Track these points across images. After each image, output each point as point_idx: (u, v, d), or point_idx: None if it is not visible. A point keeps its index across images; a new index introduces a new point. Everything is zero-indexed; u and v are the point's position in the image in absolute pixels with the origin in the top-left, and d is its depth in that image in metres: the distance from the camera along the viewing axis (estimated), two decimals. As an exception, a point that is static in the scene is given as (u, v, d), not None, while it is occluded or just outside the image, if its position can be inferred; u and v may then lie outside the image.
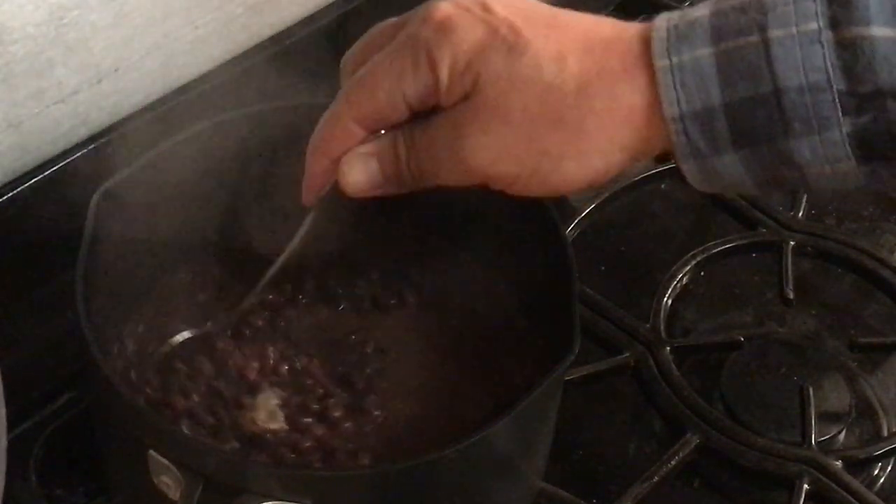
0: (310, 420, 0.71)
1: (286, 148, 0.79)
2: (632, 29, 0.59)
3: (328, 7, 0.94)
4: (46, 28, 0.77)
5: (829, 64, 0.55)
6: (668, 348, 0.85)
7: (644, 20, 0.60)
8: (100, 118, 0.84)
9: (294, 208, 0.81)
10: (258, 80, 0.88)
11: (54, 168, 0.81)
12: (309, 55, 0.90)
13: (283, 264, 0.71)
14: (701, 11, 0.58)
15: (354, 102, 0.62)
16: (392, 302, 0.79)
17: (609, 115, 0.58)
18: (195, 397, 0.71)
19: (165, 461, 0.63)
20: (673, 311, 0.89)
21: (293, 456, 0.69)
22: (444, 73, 0.59)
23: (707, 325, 0.91)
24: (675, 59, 0.57)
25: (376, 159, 0.63)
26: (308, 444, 0.70)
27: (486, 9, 0.59)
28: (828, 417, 0.83)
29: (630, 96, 0.58)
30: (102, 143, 0.83)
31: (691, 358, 0.87)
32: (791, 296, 0.90)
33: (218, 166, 0.77)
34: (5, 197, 0.80)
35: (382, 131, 0.63)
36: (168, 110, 0.85)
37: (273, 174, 0.80)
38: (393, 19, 0.64)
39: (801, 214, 0.95)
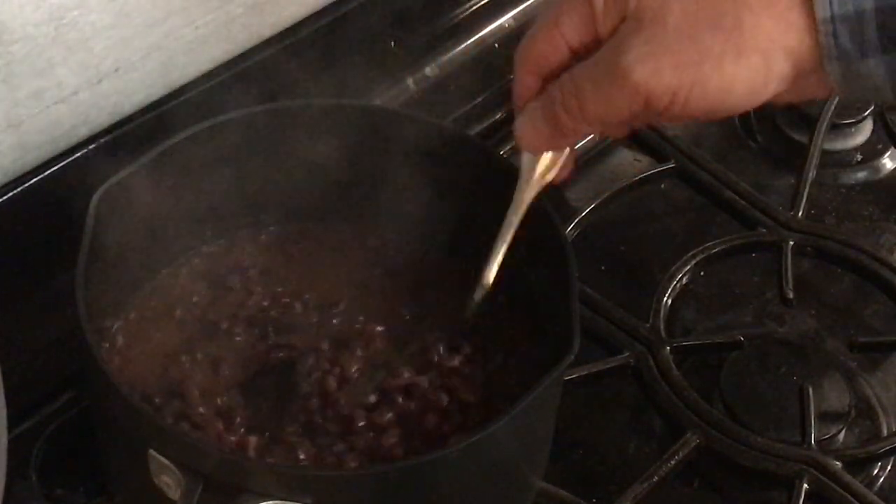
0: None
1: (286, 148, 0.79)
2: None
3: (328, 7, 0.94)
4: (46, 28, 0.77)
5: None
6: (668, 348, 0.85)
7: None
8: (100, 118, 0.84)
9: (295, 208, 0.82)
10: (258, 80, 0.88)
11: (54, 168, 0.81)
12: (309, 55, 0.90)
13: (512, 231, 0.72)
14: None
15: (525, 57, 0.66)
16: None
17: (765, 11, 0.59)
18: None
19: (165, 461, 0.63)
20: (673, 311, 0.89)
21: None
22: (599, 4, 0.62)
23: (707, 325, 0.91)
24: None
25: (540, 113, 0.65)
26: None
27: None
28: (828, 417, 0.83)
29: (790, 6, 0.59)
30: (102, 143, 0.83)
31: (691, 358, 0.87)
32: (791, 296, 0.90)
33: (218, 166, 0.77)
34: (5, 197, 0.79)
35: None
36: (168, 110, 0.85)
37: (273, 174, 0.80)
38: None
39: (801, 214, 0.95)
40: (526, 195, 0.70)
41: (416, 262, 0.81)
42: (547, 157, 0.69)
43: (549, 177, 0.70)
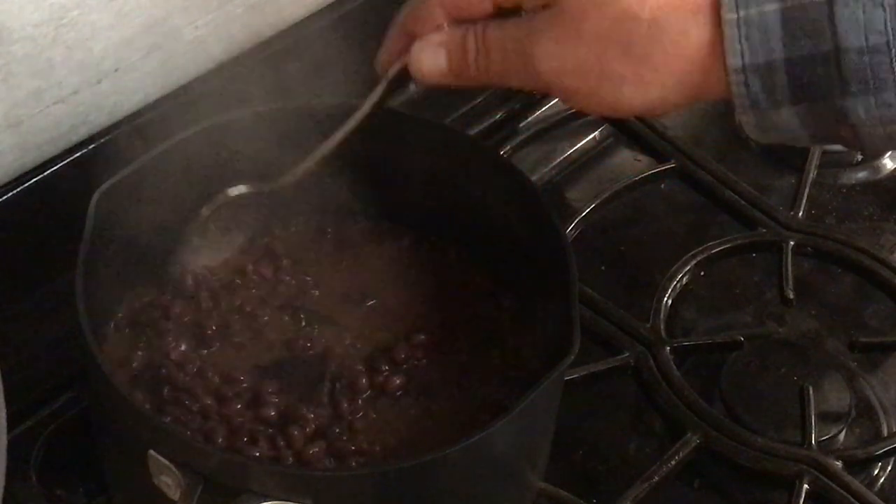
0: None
1: (286, 148, 0.79)
2: None
3: (328, 7, 0.94)
4: (46, 28, 0.77)
5: (889, 28, 0.57)
6: (668, 348, 0.85)
7: None
8: (100, 118, 0.84)
9: (294, 208, 0.82)
10: (258, 80, 0.87)
11: (54, 168, 0.81)
12: (309, 55, 0.90)
13: (346, 134, 0.73)
14: None
15: None
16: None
17: (676, 51, 0.60)
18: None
19: (165, 461, 0.63)
20: (673, 311, 0.89)
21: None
22: None
23: (707, 325, 0.91)
24: (742, 13, 0.58)
25: (445, 50, 0.66)
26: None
27: None
28: (828, 417, 0.83)
29: (698, 38, 0.59)
30: (102, 143, 0.83)
31: (691, 358, 0.87)
32: (791, 296, 0.90)
33: (218, 167, 0.77)
34: (5, 197, 0.79)
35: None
36: (168, 110, 0.85)
37: (273, 174, 0.80)
38: None
39: (801, 214, 0.95)
40: (372, 98, 0.72)
41: (415, 260, 0.81)
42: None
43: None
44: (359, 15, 0.96)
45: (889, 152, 1.04)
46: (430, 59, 0.67)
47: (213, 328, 0.75)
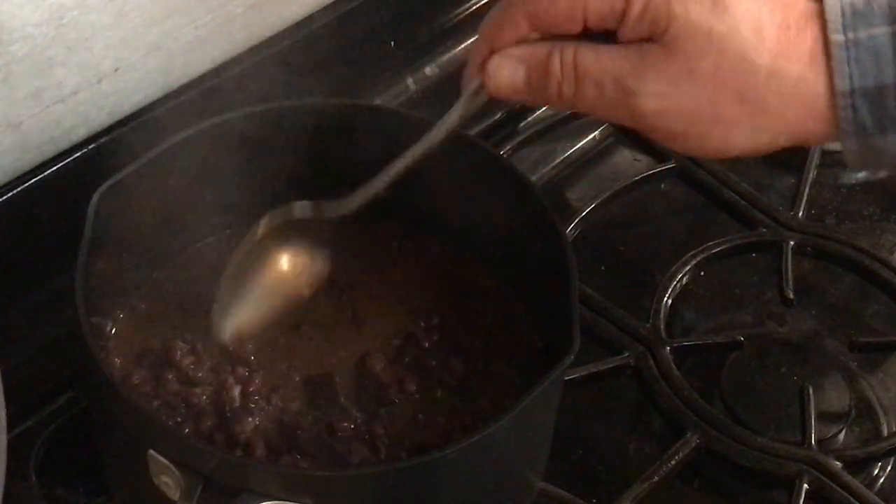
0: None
1: (286, 148, 0.79)
2: (813, 2, 0.59)
3: (328, 7, 0.94)
4: (46, 28, 0.77)
5: None
6: (668, 348, 0.85)
7: None
8: (100, 118, 0.84)
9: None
10: (258, 80, 0.87)
11: (54, 168, 0.81)
12: (309, 55, 0.90)
13: (418, 156, 0.69)
14: None
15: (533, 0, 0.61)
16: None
17: (793, 99, 0.58)
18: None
19: (165, 461, 0.63)
20: (673, 311, 0.89)
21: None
22: (637, 7, 0.58)
23: (707, 325, 0.91)
24: (850, 35, 0.57)
25: (525, 68, 0.62)
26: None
27: None
28: (828, 417, 0.83)
29: (815, 86, 0.58)
30: (102, 143, 0.83)
31: (691, 358, 0.87)
32: (791, 296, 0.90)
33: (218, 166, 0.77)
34: (5, 197, 0.79)
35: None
36: (168, 110, 0.85)
37: (273, 174, 0.80)
38: None
39: (801, 214, 0.95)
40: (455, 114, 0.68)
41: (414, 259, 0.81)
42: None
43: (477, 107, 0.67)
44: (359, 15, 0.96)
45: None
46: (508, 74, 0.62)
47: None
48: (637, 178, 0.97)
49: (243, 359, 0.73)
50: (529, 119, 1.00)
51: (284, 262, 0.73)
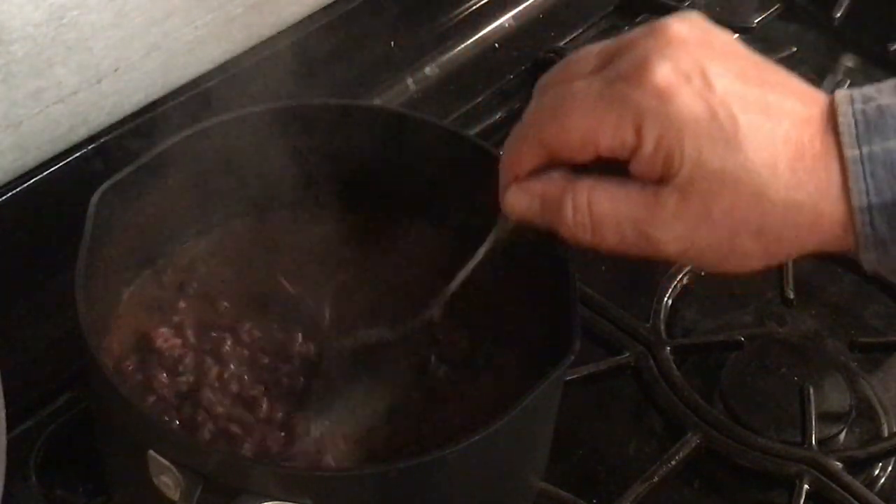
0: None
1: (286, 148, 0.79)
2: (820, 104, 0.58)
3: (328, 7, 0.94)
4: (46, 28, 0.77)
5: None
6: (668, 348, 0.85)
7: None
8: (100, 118, 0.84)
9: (294, 207, 0.82)
10: (258, 80, 0.88)
11: (54, 168, 0.82)
12: (309, 55, 0.90)
13: (462, 281, 0.70)
14: (888, 99, 0.57)
15: (544, 129, 0.60)
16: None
17: (810, 228, 0.57)
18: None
19: (165, 461, 0.63)
20: (673, 311, 0.89)
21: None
22: (649, 146, 0.57)
23: (707, 325, 0.91)
24: (865, 150, 0.56)
25: (539, 201, 0.62)
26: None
27: (707, 83, 0.57)
28: (828, 417, 0.83)
29: (831, 216, 0.57)
30: (102, 143, 0.83)
31: (691, 358, 0.87)
32: (791, 296, 0.90)
33: (218, 166, 0.77)
34: (5, 197, 0.80)
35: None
36: (168, 110, 0.85)
37: (273, 174, 0.80)
38: (598, 46, 0.61)
39: (801, 214, 0.95)
40: (500, 231, 0.67)
41: (413, 259, 0.81)
42: None
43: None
44: (358, 15, 0.96)
45: None
46: (524, 207, 0.62)
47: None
48: (637, 178, 0.96)
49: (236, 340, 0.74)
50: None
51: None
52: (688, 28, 0.58)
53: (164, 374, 0.72)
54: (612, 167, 0.59)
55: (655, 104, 0.56)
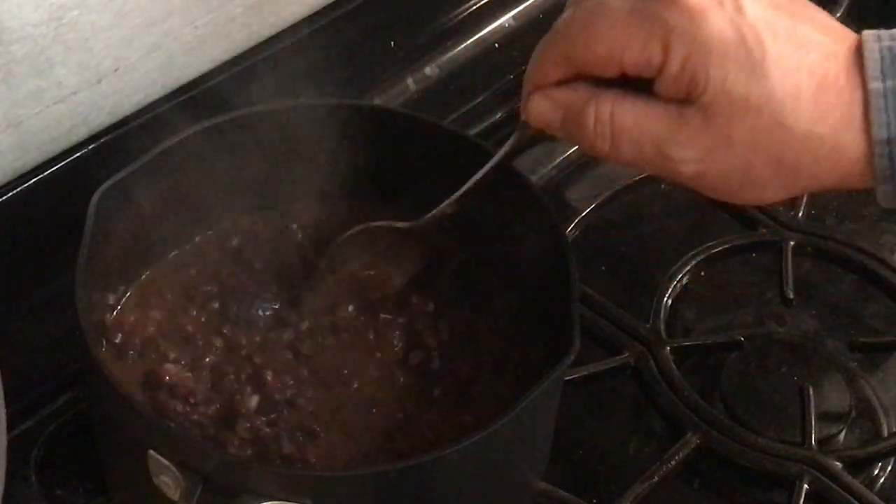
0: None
1: (286, 148, 0.79)
2: (848, 41, 0.58)
3: (328, 7, 0.94)
4: (46, 28, 0.77)
5: None
6: (668, 348, 0.85)
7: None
8: (100, 118, 0.84)
9: (294, 207, 0.82)
10: (258, 80, 0.88)
11: (54, 168, 0.82)
12: (309, 55, 0.90)
13: (479, 179, 0.70)
14: None
15: (572, 41, 0.60)
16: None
17: (828, 165, 0.58)
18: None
19: (165, 461, 0.63)
20: (673, 311, 0.89)
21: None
22: (675, 64, 0.57)
23: (707, 325, 0.91)
24: (889, 83, 0.56)
25: (562, 112, 0.62)
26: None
27: (738, 7, 0.57)
28: (828, 417, 0.83)
29: (852, 153, 0.57)
30: (102, 143, 0.83)
31: (691, 358, 0.87)
32: (791, 296, 0.90)
33: (218, 166, 0.77)
34: (5, 197, 0.80)
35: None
36: (168, 110, 0.85)
37: (273, 174, 0.80)
38: None
39: (801, 214, 0.95)
40: (517, 140, 0.68)
41: (412, 259, 0.81)
42: None
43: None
44: (358, 15, 0.96)
45: None
46: (545, 114, 0.63)
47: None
48: (637, 178, 0.97)
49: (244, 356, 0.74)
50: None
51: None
52: None
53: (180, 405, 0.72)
54: (638, 86, 0.59)
55: (685, 23, 0.57)
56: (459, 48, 1.03)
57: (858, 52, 0.58)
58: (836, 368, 0.87)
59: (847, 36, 0.59)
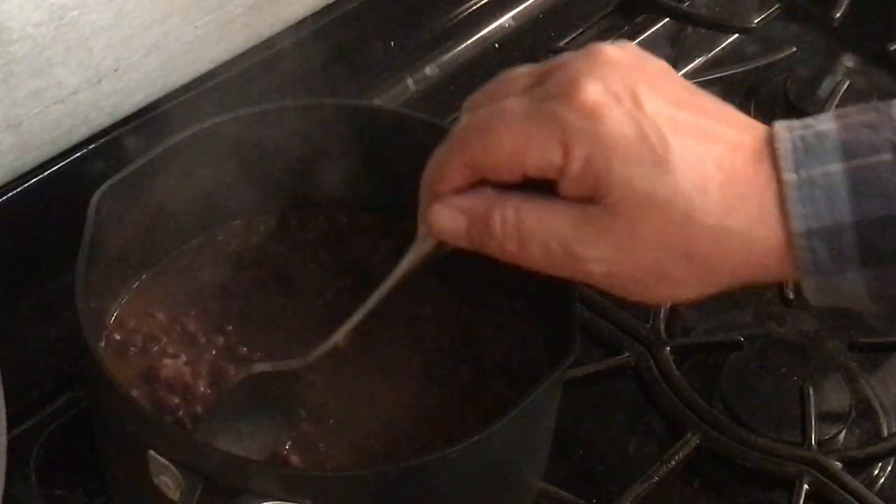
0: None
1: (286, 148, 0.79)
2: (755, 132, 0.57)
3: (328, 7, 0.94)
4: (46, 28, 0.77)
5: None
6: (668, 348, 0.85)
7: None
8: (100, 118, 0.84)
9: (294, 208, 0.82)
10: (258, 80, 0.88)
11: (54, 168, 0.82)
12: (308, 55, 0.90)
13: (385, 294, 0.67)
14: (827, 125, 0.56)
15: (470, 147, 0.58)
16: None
17: (740, 256, 0.56)
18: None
19: (165, 461, 0.63)
20: (673, 311, 0.89)
21: None
22: (576, 165, 0.56)
23: (707, 325, 0.91)
24: (803, 174, 0.55)
25: (466, 219, 0.60)
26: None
27: (637, 104, 0.56)
28: (828, 417, 0.83)
29: (765, 243, 0.56)
30: (102, 143, 0.83)
31: (691, 358, 0.87)
32: (791, 296, 0.90)
33: (218, 166, 0.77)
34: (5, 197, 0.80)
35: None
36: (168, 110, 0.85)
37: (273, 174, 0.80)
38: (529, 67, 0.60)
39: (801, 214, 0.95)
40: (416, 254, 0.65)
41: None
42: None
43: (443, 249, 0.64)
44: (358, 15, 0.96)
45: None
46: (448, 223, 0.60)
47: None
48: (637, 178, 0.96)
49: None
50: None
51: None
52: (621, 52, 0.57)
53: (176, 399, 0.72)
54: (543, 188, 0.58)
55: (584, 123, 0.55)
56: (459, 48, 1.03)
57: (769, 143, 0.56)
58: (836, 368, 0.87)
59: (755, 126, 0.58)
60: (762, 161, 0.56)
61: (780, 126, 0.57)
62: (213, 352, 0.74)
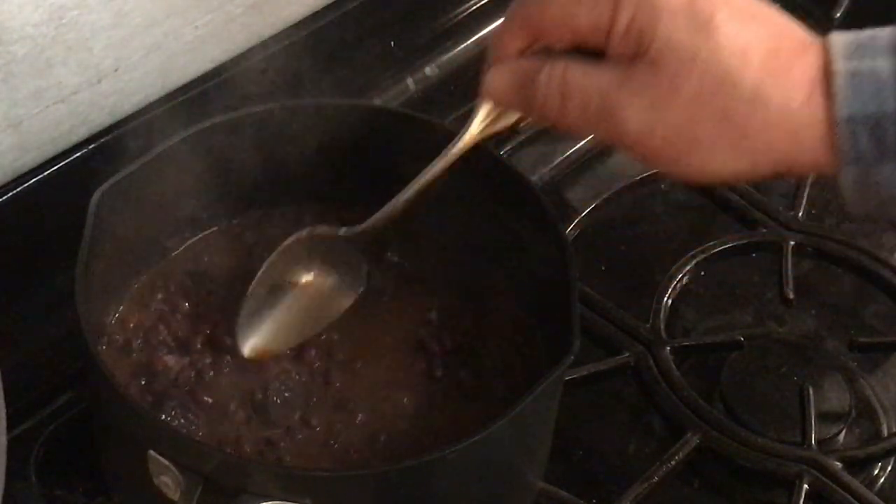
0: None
1: (286, 148, 0.79)
2: (805, 32, 0.59)
3: (328, 7, 0.94)
4: (46, 28, 0.77)
5: None
6: (668, 348, 0.85)
7: None
8: (100, 118, 0.84)
9: (294, 207, 0.82)
10: (258, 81, 0.88)
11: (54, 168, 0.82)
12: (308, 55, 0.90)
13: (441, 168, 0.69)
14: (882, 31, 0.57)
15: (526, 7, 0.62)
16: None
17: (777, 120, 0.57)
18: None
19: (165, 461, 0.63)
20: (673, 311, 0.89)
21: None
22: (623, 20, 0.58)
23: (707, 325, 0.91)
24: (854, 64, 0.56)
25: (516, 78, 0.63)
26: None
27: None
28: (828, 417, 0.83)
29: (801, 110, 0.57)
30: (102, 143, 0.83)
31: (691, 358, 0.87)
32: (791, 296, 0.90)
33: (218, 166, 0.77)
34: (5, 197, 0.80)
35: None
36: (168, 110, 0.85)
37: (273, 174, 0.80)
38: None
39: (801, 214, 0.95)
40: (468, 136, 0.68)
41: (412, 259, 0.81)
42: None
43: (501, 125, 0.67)
44: (358, 15, 0.96)
45: None
46: (500, 83, 0.64)
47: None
48: (637, 178, 0.97)
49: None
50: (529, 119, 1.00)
51: (308, 280, 0.74)
52: None
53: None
54: (591, 56, 0.60)
55: None
56: (459, 48, 1.03)
57: (817, 39, 0.58)
58: (836, 368, 0.87)
59: (816, 38, 0.59)
60: (808, 49, 0.58)
61: (836, 33, 0.58)
62: (214, 351, 0.74)
